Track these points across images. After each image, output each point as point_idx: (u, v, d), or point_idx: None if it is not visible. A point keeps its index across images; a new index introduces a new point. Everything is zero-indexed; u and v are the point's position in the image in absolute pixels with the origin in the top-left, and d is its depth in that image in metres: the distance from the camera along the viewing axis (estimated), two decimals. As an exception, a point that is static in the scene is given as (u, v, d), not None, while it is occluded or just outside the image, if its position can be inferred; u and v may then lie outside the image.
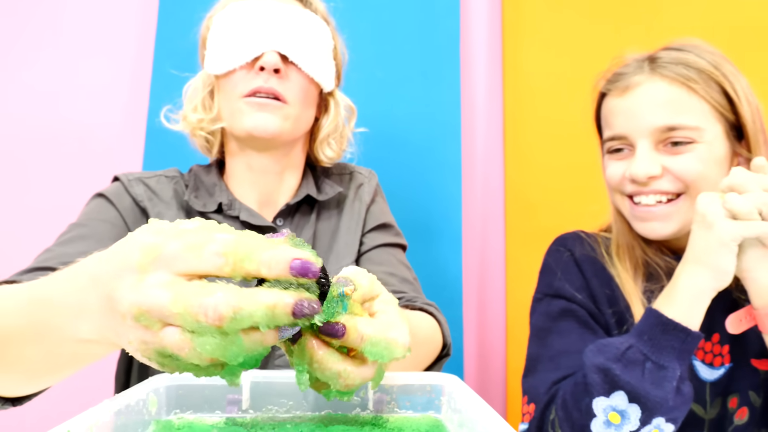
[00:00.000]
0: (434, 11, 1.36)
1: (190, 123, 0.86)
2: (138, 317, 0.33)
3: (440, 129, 1.33)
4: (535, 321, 0.84)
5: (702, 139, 0.73)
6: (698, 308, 0.67)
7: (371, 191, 0.93)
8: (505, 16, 1.41)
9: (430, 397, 0.50)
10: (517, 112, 1.38)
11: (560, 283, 0.82)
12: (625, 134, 0.76)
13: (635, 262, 0.81)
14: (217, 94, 0.85)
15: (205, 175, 0.89)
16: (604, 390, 0.67)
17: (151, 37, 1.36)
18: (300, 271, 0.34)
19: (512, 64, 1.39)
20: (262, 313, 0.33)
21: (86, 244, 0.75)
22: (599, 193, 1.29)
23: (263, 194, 0.87)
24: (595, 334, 0.77)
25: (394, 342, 0.41)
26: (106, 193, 0.84)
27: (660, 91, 0.74)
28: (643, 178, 0.74)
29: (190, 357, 0.34)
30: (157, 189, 0.86)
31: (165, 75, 1.31)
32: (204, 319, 0.32)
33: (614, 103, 0.79)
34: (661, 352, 0.66)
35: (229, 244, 0.34)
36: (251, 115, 0.80)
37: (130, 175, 0.87)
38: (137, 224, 0.82)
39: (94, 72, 1.36)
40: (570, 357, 0.75)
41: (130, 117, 1.35)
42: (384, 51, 1.33)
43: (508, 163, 1.38)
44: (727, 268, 0.65)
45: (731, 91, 0.74)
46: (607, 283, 0.81)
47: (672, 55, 0.76)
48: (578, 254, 0.84)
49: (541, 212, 1.34)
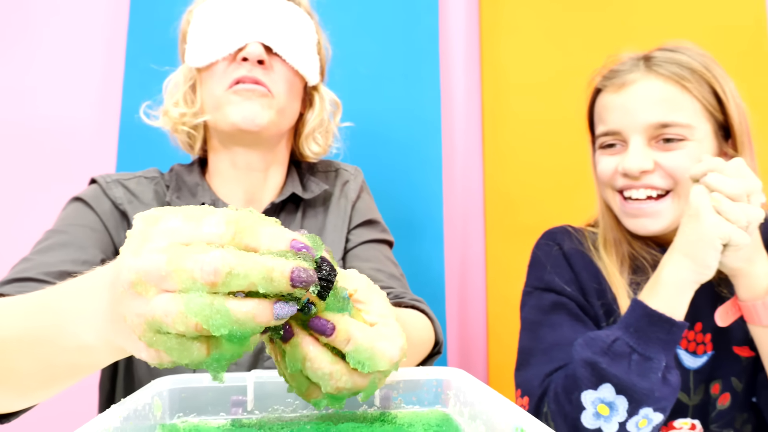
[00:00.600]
0: (414, 9, 1.36)
1: (171, 118, 0.84)
2: (135, 284, 0.33)
3: (421, 126, 1.33)
4: (526, 314, 0.85)
5: (693, 137, 0.75)
6: (682, 299, 0.69)
7: (357, 188, 0.93)
8: (482, 14, 1.42)
9: (437, 392, 0.50)
10: (495, 109, 1.40)
11: (550, 276, 0.84)
12: (619, 129, 0.78)
13: (622, 256, 0.83)
14: (200, 87, 0.83)
15: (187, 175, 0.87)
16: (592, 383, 0.68)
17: (123, 32, 1.32)
18: (300, 250, 0.34)
19: (490, 62, 1.41)
20: (259, 274, 0.32)
21: (67, 252, 0.73)
22: (578, 190, 1.33)
23: (248, 193, 0.86)
24: (585, 326, 0.79)
25: (380, 353, 0.39)
26: (84, 196, 0.81)
27: (655, 88, 0.76)
28: (636, 172, 0.75)
29: (176, 322, 0.32)
30: (137, 191, 0.84)
31: (139, 71, 1.28)
32: (199, 274, 0.31)
33: (609, 99, 0.80)
34: (647, 344, 0.67)
35: (231, 215, 0.34)
36: (238, 106, 0.78)
37: (107, 177, 0.84)
38: (118, 229, 0.80)
39: (64, 69, 1.32)
40: (562, 349, 0.76)
41: (103, 115, 1.31)
42: (364, 49, 1.32)
43: (487, 160, 1.39)
44: (710, 263, 0.67)
45: (721, 91, 0.76)
46: (595, 276, 0.82)
47: (666, 55, 0.78)
48: (567, 248, 0.86)
49: (521, 209, 1.36)
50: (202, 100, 0.83)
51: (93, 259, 0.74)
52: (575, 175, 1.34)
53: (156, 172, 0.89)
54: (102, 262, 0.76)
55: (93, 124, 1.31)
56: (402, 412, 0.49)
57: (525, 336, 0.83)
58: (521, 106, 1.39)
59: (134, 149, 1.26)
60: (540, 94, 1.38)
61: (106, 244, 0.78)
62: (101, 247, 0.77)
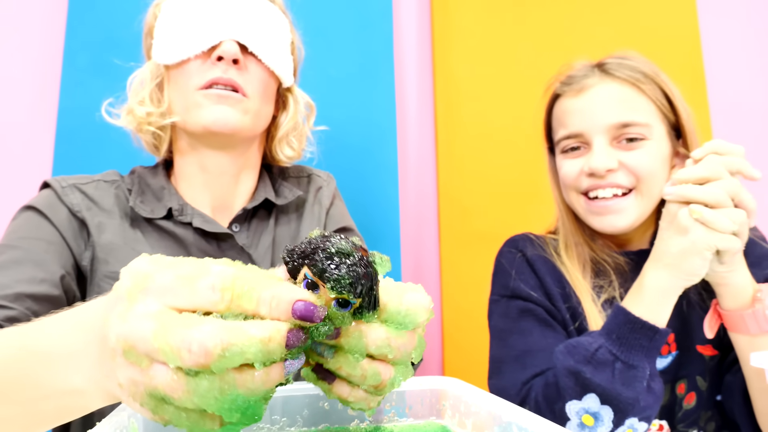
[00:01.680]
0: (368, 15, 1.35)
1: (136, 118, 0.77)
2: (126, 352, 0.30)
3: (377, 132, 1.32)
4: (494, 323, 0.84)
5: (651, 136, 0.78)
6: (665, 306, 0.69)
7: (330, 195, 0.90)
8: (434, 22, 1.43)
9: (431, 403, 0.48)
10: (449, 117, 1.40)
11: (516, 283, 0.84)
12: (582, 131, 0.79)
13: (583, 260, 0.84)
14: (167, 86, 0.78)
15: (151, 178, 0.81)
16: (576, 393, 0.68)
17: (61, 30, 1.24)
18: (303, 314, 0.30)
19: (443, 69, 1.41)
20: (256, 348, 0.29)
21: (22, 271, 0.65)
22: (531, 196, 1.35)
23: (217, 198, 0.81)
24: (554, 330, 0.79)
25: (414, 305, 0.35)
26: (37, 205, 0.73)
27: (613, 91, 0.79)
28: (602, 171, 0.77)
29: (183, 401, 0.29)
30: (96, 196, 0.77)
31: (77, 71, 1.19)
32: (187, 355, 0.28)
33: (569, 104, 0.82)
34: (630, 351, 0.67)
35: (227, 278, 0.30)
36: (209, 108, 0.73)
37: (62, 181, 0.77)
38: (77, 238, 0.73)
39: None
40: (535, 355, 0.75)
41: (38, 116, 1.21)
42: (320, 55, 1.30)
43: (441, 167, 1.39)
44: (700, 272, 0.68)
45: (670, 93, 0.80)
46: (558, 281, 0.83)
47: (618, 61, 0.81)
48: (530, 254, 0.86)
49: (474, 216, 1.36)
50: (170, 100, 0.78)
51: (52, 277, 0.67)
52: (528, 181, 1.36)
53: (116, 174, 0.82)
54: (62, 278, 0.69)
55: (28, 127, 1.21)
56: (397, 425, 0.47)
57: (495, 344, 0.82)
58: (474, 113, 1.40)
59: (71, 152, 1.17)
60: (492, 102, 1.40)
61: (65, 257, 0.71)
62: (60, 261, 0.70)
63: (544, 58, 1.39)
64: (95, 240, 0.73)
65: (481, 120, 1.40)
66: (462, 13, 1.43)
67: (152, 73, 0.79)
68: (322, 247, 0.32)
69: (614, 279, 0.82)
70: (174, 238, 0.77)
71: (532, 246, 0.88)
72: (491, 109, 1.40)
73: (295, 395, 0.47)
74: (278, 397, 0.46)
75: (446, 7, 1.43)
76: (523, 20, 1.43)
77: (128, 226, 0.75)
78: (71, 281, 0.70)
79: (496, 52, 1.42)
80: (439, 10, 1.43)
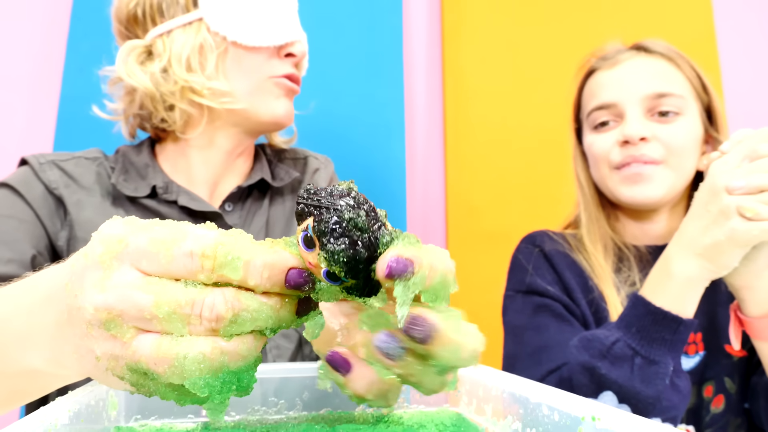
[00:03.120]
0: (377, 12, 1.32)
1: (192, 89, 0.71)
2: (107, 323, 0.27)
3: (385, 129, 1.28)
4: (509, 319, 0.80)
5: (686, 111, 0.75)
6: (692, 297, 0.63)
7: (327, 178, 0.86)
8: (444, 20, 1.40)
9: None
10: (457, 116, 1.36)
11: (532, 278, 0.79)
12: (616, 101, 0.77)
13: (605, 244, 0.80)
14: (227, 62, 0.73)
15: (135, 156, 0.77)
16: (591, 391, 0.63)
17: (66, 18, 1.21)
18: (296, 282, 0.28)
19: (452, 68, 1.38)
20: (266, 315, 0.27)
21: None
22: (540, 195, 1.31)
23: (214, 174, 0.78)
24: (571, 326, 0.74)
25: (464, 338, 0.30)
26: (11, 182, 0.70)
27: (649, 63, 0.78)
28: (636, 138, 0.74)
29: (171, 375, 0.27)
30: (76, 173, 0.73)
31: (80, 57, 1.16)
32: (197, 320, 0.26)
33: (604, 76, 0.80)
34: (651, 345, 0.62)
35: (208, 243, 0.27)
36: (282, 100, 0.76)
37: (41, 158, 0.74)
38: (53, 217, 0.70)
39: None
40: (550, 351, 0.71)
41: (38, 104, 1.18)
42: (329, 53, 1.27)
43: (449, 166, 1.35)
44: (733, 263, 0.61)
45: (703, 76, 0.78)
46: (579, 275, 0.79)
47: (652, 41, 0.80)
48: (548, 249, 0.82)
49: (483, 215, 1.32)
50: (230, 80, 0.73)
51: (21, 257, 0.64)
52: (537, 181, 1.32)
53: (98, 152, 0.79)
54: (33, 259, 0.65)
55: (27, 107, 1.18)
56: (406, 412, 0.42)
57: (510, 341, 0.78)
58: (483, 112, 1.36)
59: (72, 134, 1.14)
60: (501, 101, 1.36)
61: (38, 236, 0.68)
62: (31, 241, 0.67)
63: (554, 56, 1.35)
64: (73, 218, 0.70)
65: (489, 118, 1.36)
66: (472, 11, 1.40)
67: (215, 43, 0.72)
68: (338, 207, 0.27)
69: (636, 268, 0.78)
70: (158, 218, 0.73)
71: (550, 241, 0.84)
72: (500, 107, 1.36)
73: (295, 377, 0.42)
74: (275, 378, 0.42)
75: (456, 4, 1.40)
76: (533, 18, 1.40)
77: (109, 205, 0.72)
78: (44, 261, 0.67)
79: (505, 51, 1.39)
80: (449, 8, 1.40)
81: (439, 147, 1.38)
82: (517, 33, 1.39)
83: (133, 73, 0.72)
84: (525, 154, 1.35)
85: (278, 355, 0.70)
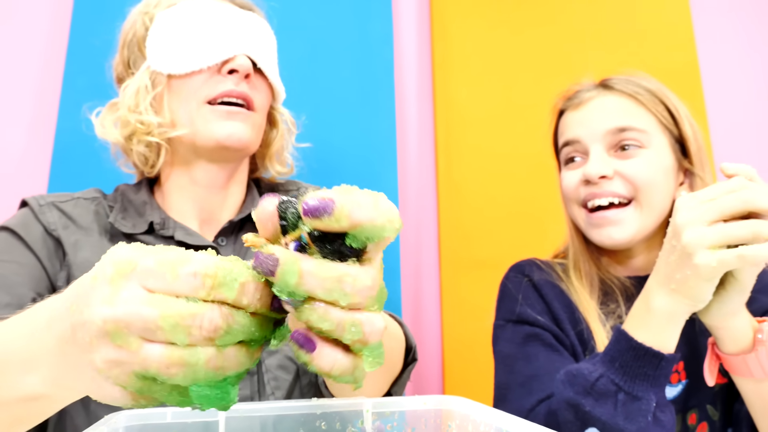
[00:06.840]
0: (368, 39, 1.35)
1: (131, 128, 0.74)
2: (114, 334, 0.31)
3: (377, 156, 1.30)
4: (500, 348, 0.81)
5: (649, 144, 0.77)
6: (672, 331, 0.64)
7: None
8: (434, 48, 1.44)
9: (435, 423, 0.45)
10: (449, 143, 1.39)
11: (522, 308, 0.81)
12: (579, 138, 0.80)
13: (590, 279, 0.82)
14: (168, 96, 0.76)
15: (133, 194, 0.79)
16: (577, 427, 0.64)
17: (62, 51, 1.24)
18: (278, 306, 0.33)
19: (443, 96, 1.41)
20: (253, 329, 0.33)
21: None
22: (533, 223, 1.33)
23: (205, 210, 0.79)
24: (561, 355, 0.76)
25: (379, 219, 0.33)
26: (11, 225, 0.72)
27: (610, 101, 0.81)
28: (596, 176, 0.76)
29: (183, 376, 0.31)
30: (74, 214, 0.75)
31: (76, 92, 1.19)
32: (198, 331, 0.30)
33: (570, 116, 0.84)
34: (633, 381, 0.63)
35: (209, 266, 0.32)
36: (220, 122, 0.73)
37: (41, 199, 0.75)
38: (52, 258, 0.71)
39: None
40: (541, 380, 0.72)
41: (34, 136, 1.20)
42: (321, 77, 1.30)
43: (441, 193, 1.38)
44: (706, 297, 0.62)
45: (673, 108, 0.80)
46: (567, 305, 0.81)
47: (622, 78, 0.83)
48: (537, 279, 0.84)
49: (476, 242, 1.34)
50: (172, 110, 0.75)
51: (19, 300, 0.65)
52: (530, 208, 1.35)
53: (97, 192, 0.81)
54: (33, 301, 0.66)
55: (24, 146, 1.20)
56: (398, 447, 0.44)
57: (501, 370, 0.79)
58: (474, 139, 1.39)
59: (68, 171, 1.15)
60: (493, 127, 1.39)
61: (38, 278, 0.69)
62: (31, 283, 0.68)
63: (545, 83, 1.38)
64: (71, 259, 0.71)
65: (481, 145, 1.39)
66: (462, 38, 1.44)
67: (152, 82, 0.76)
68: (290, 198, 0.35)
69: (621, 301, 0.80)
70: None
71: (539, 270, 0.86)
72: (492, 134, 1.39)
73: (290, 414, 0.44)
74: (271, 416, 0.43)
75: (446, 32, 1.44)
76: (523, 47, 1.44)
77: (107, 242, 0.74)
78: None
79: (496, 78, 1.42)
80: (439, 36, 1.44)
81: (431, 174, 1.40)
82: (507, 62, 1.43)
83: (105, 127, 0.77)
84: (517, 181, 1.38)
85: (276, 387, 0.71)
